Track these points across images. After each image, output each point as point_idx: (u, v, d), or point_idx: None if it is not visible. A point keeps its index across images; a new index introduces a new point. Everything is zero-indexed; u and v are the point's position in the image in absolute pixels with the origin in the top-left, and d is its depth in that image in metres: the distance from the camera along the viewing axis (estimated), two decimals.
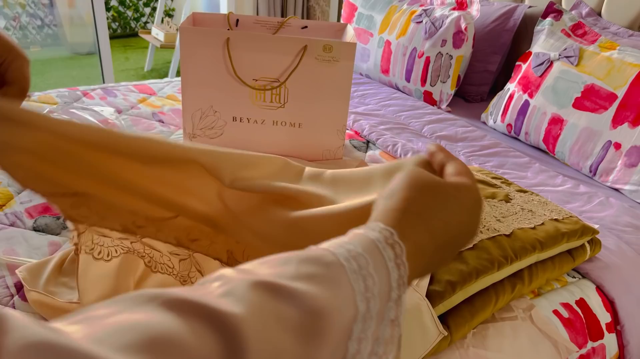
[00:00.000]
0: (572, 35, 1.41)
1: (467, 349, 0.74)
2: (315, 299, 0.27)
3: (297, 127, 1.21)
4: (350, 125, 1.49)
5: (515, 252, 0.83)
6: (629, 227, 1.07)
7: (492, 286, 0.80)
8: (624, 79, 1.21)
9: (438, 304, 0.72)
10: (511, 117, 1.47)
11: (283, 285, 0.27)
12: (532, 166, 1.30)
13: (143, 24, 4.87)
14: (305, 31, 1.39)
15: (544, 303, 0.85)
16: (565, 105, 1.31)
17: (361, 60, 1.94)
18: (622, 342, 0.90)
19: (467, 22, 1.62)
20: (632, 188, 1.18)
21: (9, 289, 0.79)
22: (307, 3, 2.93)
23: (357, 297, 0.29)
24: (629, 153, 1.18)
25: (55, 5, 3.98)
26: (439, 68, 1.67)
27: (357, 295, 0.29)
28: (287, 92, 1.18)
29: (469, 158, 1.32)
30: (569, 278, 0.94)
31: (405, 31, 1.73)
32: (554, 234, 0.89)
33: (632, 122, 1.18)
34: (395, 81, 1.81)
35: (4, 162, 0.47)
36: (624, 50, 1.27)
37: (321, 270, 0.29)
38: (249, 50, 1.13)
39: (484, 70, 1.76)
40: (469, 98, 1.82)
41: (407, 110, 1.62)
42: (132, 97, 1.59)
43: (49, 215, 0.96)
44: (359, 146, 1.39)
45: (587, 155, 1.27)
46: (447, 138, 1.42)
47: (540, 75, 1.40)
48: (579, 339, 0.84)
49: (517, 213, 0.96)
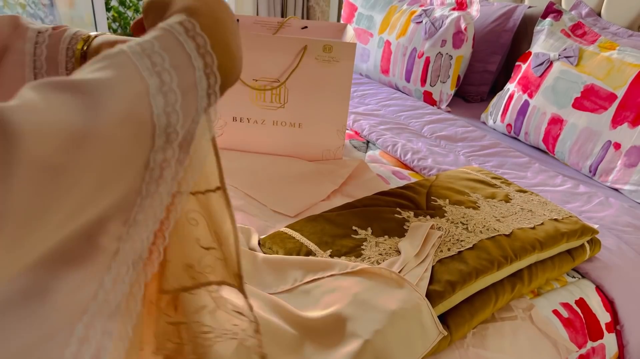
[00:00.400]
0: (572, 36, 1.41)
1: (467, 349, 0.74)
2: (95, 79, 0.31)
3: (297, 127, 1.21)
4: (350, 125, 1.49)
5: (515, 252, 0.83)
6: (629, 227, 1.07)
7: (491, 286, 0.80)
8: (624, 79, 1.21)
9: (438, 304, 0.72)
10: (511, 117, 1.47)
11: (66, 80, 0.30)
12: (532, 166, 1.30)
13: None
14: (305, 31, 1.39)
15: (544, 302, 0.85)
16: (565, 105, 1.31)
17: (361, 61, 1.95)
18: (621, 342, 0.90)
19: (467, 23, 1.62)
20: (632, 188, 1.18)
21: None
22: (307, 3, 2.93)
23: (143, 72, 0.33)
24: (629, 153, 1.18)
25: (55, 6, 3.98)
26: (438, 68, 1.67)
27: (143, 71, 0.33)
28: (287, 92, 1.18)
29: (469, 158, 1.32)
30: (569, 278, 0.94)
31: (405, 31, 1.74)
32: (554, 234, 0.89)
33: (631, 122, 1.18)
34: (395, 81, 1.82)
35: None
36: (624, 50, 1.27)
37: (106, 62, 0.33)
38: (249, 50, 1.13)
39: (483, 70, 1.76)
40: (469, 99, 1.82)
41: (407, 110, 1.62)
42: None
43: None
44: (359, 146, 1.39)
45: (587, 155, 1.27)
46: (447, 138, 1.42)
47: (540, 76, 1.40)
48: (579, 339, 0.84)
49: (517, 213, 0.96)
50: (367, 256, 0.81)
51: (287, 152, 1.24)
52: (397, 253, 0.82)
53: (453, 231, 0.88)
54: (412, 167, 1.27)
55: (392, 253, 0.82)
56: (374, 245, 0.84)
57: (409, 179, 1.21)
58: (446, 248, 0.83)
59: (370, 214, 0.92)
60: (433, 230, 0.87)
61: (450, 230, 0.88)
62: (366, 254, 0.81)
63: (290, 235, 0.87)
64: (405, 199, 0.99)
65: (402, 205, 0.96)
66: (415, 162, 1.27)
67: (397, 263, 0.78)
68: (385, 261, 0.79)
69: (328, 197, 1.10)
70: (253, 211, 1.01)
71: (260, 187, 1.10)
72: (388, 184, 1.17)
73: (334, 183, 1.13)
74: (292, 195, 1.07)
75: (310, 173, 1.17)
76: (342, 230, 0.87)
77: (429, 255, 0.81)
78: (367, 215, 0.92)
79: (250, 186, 1.09)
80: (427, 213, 0.94)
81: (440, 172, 1.21)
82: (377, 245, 0.84)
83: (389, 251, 0.82)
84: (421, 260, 0.79)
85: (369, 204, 0.96)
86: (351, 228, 0.88)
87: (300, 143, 1.23)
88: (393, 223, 0.90)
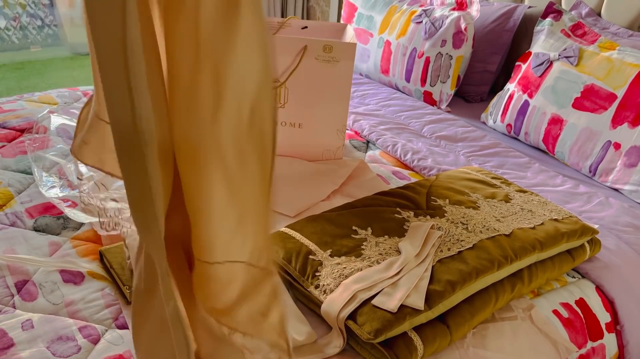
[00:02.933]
0: (572, 36, 1.41)
1: (467, 349, 0.74)
2: None
3: (297, 127, 1.21)
4: (350, 125, 1.49)
5: (515, 252, 0.83)
6: (629, 227, 1.07)
7: (492, 286, 0.80)
8: (624, 79, 1.22)
9: (438, 304, 0.72)
10: (511, 117, 1.47)
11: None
12: (532, 166, 1.30)
13: None
14: (305, 31, 1.39)
15: (544, 302, 0.85)
16: (565, 105, 1.31)
17: (361, 61, 1.95)
18: (621, 342, 0.91)
19: (467, 23, 1.62)
20: (632, 188, 1.18)
21: (9, 289, 0.79)
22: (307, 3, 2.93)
23: None
24: (629, 153, 1.18)
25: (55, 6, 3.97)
26: (438, 68, 1.67)
27: None
28: (287, 92, 1.18)
29: (469, 158, 1.32)
30: (569, 278, 0.94)
31: (405, 31, 1.74)
32: (554, 234, 0.89)
33: (631, 122, 1.18)
34: (395, 81, 1.82)
35: None
36: (624, 50, 1.27)
37: None
38: None
39: (483, 70, 1.76)
40: (469, 99, 1.82)
41: (407, 110, 1.62)
42: None
43: (49, 215, 0.96)
44: (359, 146, 1.39)
45: (587, 155, 1.27)
46: (447, 139, 1.42)
47: (540, 76, 1.40)
48: (579, 339, 0.84)
49: (517, 213, 0.96)
50: (367, 256, 0.81)
51: (287, 152, 1.24)
52: (397, 253, 0.82)
53: (453, 231, 0.88)
54: (412, 167, 1.27)
55: (392, 253, 0.82)
56: (374, 245, 0.84)
57: (409, 179, 1.21)
58: (446, 248, 0.83)
59: (370, 214, 0.92)
60: (433, 230, 0.87)
61: (450, 230, 0.88)
62: (366, 254, 0.81)
63: (291, 235, 0.87)
64: (405, 199, 0.99)
65: (402, 205, 0.97)
66: (415, 162, 1.27)
67: (397, 263, 0.79)
68: (385, 261, 0.79)
69: (328, 197, 1.10)
70: None
71: None
72: (388, 184, 1.17)
73: (334, 183, 1.13)
74: (292, 195, 1.08)
75: (310, 173, 1.17)
76: (342, 230, 0.87)
77: (429, 254, 0.81)
78: (367, 215, 0.92)
79: None
80: (427, 213, 0.94)
81: (440, 172, 1.21)
82: (377, 244, 0.84)
83: (389, 251, 0.82)
84: (421, 260, 0.79)
85: (369, 204, 0.96)
86: (351, 228, 0.88)
87: (300, 143, 1.23)
88: (393, 223, 0.90)
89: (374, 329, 0.68)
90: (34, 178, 1.06)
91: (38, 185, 1.00)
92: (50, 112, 1.26)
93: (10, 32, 3.74)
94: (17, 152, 1.17)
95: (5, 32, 3.68)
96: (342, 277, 0.76)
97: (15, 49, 3.77)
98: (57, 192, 0.99)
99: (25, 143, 1.17)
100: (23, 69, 3.55)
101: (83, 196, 0.90)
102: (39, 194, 1.02)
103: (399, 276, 0.76)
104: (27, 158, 1.14)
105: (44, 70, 3.67)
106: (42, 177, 1.02)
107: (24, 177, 1.08)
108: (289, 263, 0.82)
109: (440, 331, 0.72)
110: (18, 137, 1.25)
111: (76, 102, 1.50)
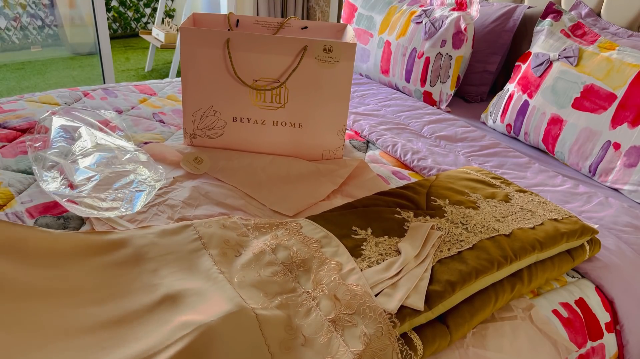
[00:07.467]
0: (572, 36, 1.42)
1: (467, 349, 0.74)
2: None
3: (297, 127, 1.21)
4: (350, 125, 1.49)
5: (515, 252, 0.83)
6: (629, 227, 1.07)
7: (491, 286, 0.80)
8: (624, 79, 1.22)
9: (438, 304, 0.73)
10: (511, 117, 1.47)
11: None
12: (532, 166, 1.30)
13: (143, 25, 4.87)
14: (305, 31, 1.39)
15: (544, 302, 0.86)
16: (564, 106, 1.32)
17: (361, 61, 1.95)
18: (621, 342, 0.91)
19: (466, 23, 1.62)
20: (632, 188, 1.18)
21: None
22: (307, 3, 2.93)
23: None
24: (628, 153, 1.18)
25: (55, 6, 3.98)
26: (438, 68, 1.67)
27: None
28: (287, 92, 1.18)
29: (469, 158, 1.33)
30: (569, 277, 0.94)
31: (405, 31, 1.74)
32: (554, 234, 0.90)
33: (631, 122, 1.18)
34: (395, 81, 1.82)
35: None
36: (624, 50, 1.27)
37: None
38: (249, 51, 1.14)
39: (483, 70, 1.76)
40: (469, 99, 1.82)
41: (406, 110, 1.62)
42: (133, 97, 1.59)
43: (50, 214, 0.96)
44: (359, 146, 1.39)
45: (587, 155, 1.27)
46: (446, 139, 1.43)
47: (540, 76, 1.40)
48: (579, 339, 0.84)
49: (517, 213, 0.97)
50: (367, 256, 0.81)
51: (287, 152, 1.24)
52: (397, 253, 0.82)
53: (453, 231, 0.88)
54: (412, 167, 1.27)
55: (392, 253, 0.82)
56: (373, 245, 0.84)
57: (408, 179, 1.21)
58: (446, 248, 0.83)
59: (370, 214, 0.92)
60: (433, 230, 0.87)
61: (450, 230, 0.88)
62: (366, 254, 0.81)
63: None
64: (405, 199, 0.99)
65: (402, 205, 0.97)
66: (415, 162, 1.27)
67: (397, 263, 0.79)
68: (385, 261, 0.79)
69: (328, 197, 1.10)
70: (253, 211, 1.02)
71: (260, 187, 1.10)
72: (388, 184, 1.17)
73: (334, 183, 1.13)
74: (291, 195, 1.08)
75: (310, 173, 1.17)
76: (342, 230, 0.87)
77: (429, 255, 0.81)
78: (367, 215, 0.92)
79: (250, 186, 1.09)
80: (427, 213, 0.94)
81: (440, 172, 1.21)
82: (377, 245, 0.84)
83: (388, 251, 0.82)
84: (421, 260, 0.80)
85: (369, 204, 0.96)
86: (351, 228, 0.88)
87: (300, 143, 1.23)
88: (393, 223, 0.90)
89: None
90: (35, 177, 1.06)
91: (38, 181, 1.00)
92: (53, 113, 1.26)
93: (10, 32, 3.74)
94: (17, 152, 1.17)
95: (5, 32, 3.68)
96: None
97: (15, 49, 3.78)
98: (57, 186, 0.99)
99: (26, 143, 1.17)
100: (23, 69, 3.56)
101: (83, 196, 0.91)
102: (40, 194, 1.02)
103: (398, 276, 0.76)
104: (27, 158, 1.15)
105: (45, 70, 3.67)
106: (42, 174, 1.03)
107: (25, 177, 1.08)
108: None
109: (440, 331, 0.72)
110: (18, 137, 1.25)
111: (76, 102, 1.50)
